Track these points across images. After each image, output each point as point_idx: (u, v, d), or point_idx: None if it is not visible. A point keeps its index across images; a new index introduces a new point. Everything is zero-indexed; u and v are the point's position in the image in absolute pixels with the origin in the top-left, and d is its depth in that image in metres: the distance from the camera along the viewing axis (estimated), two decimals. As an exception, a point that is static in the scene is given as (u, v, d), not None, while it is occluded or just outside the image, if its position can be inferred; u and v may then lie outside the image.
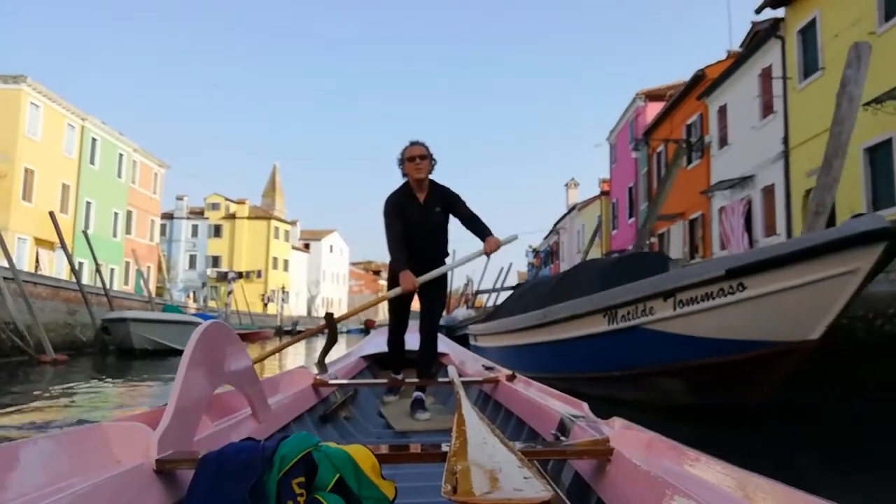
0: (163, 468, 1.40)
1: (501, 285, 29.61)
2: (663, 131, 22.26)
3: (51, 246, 25.91)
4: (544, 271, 39.74)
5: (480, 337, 11.49)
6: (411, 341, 3.95)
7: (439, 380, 3.89)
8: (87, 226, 27.88)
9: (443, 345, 4.80)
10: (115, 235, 31.63)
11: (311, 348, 21.63)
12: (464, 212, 3.74)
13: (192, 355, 1.58)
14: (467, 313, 25.14)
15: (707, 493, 1.15)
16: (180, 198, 51.24)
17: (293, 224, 57.38)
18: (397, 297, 3.58)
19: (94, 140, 29.55)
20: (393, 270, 3.65)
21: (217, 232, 51.30)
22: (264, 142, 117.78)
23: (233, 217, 51.43)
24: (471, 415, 1.87)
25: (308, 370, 3.42)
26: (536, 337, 7.74)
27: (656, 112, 23.50)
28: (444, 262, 3.81)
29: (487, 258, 3.88)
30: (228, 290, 34.24)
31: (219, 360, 1.77)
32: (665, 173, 14.30)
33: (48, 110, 26.15)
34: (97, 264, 19.83)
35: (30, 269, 22.60)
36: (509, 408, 2.98)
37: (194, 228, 51.39)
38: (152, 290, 28.51)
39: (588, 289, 6.83)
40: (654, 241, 23.27)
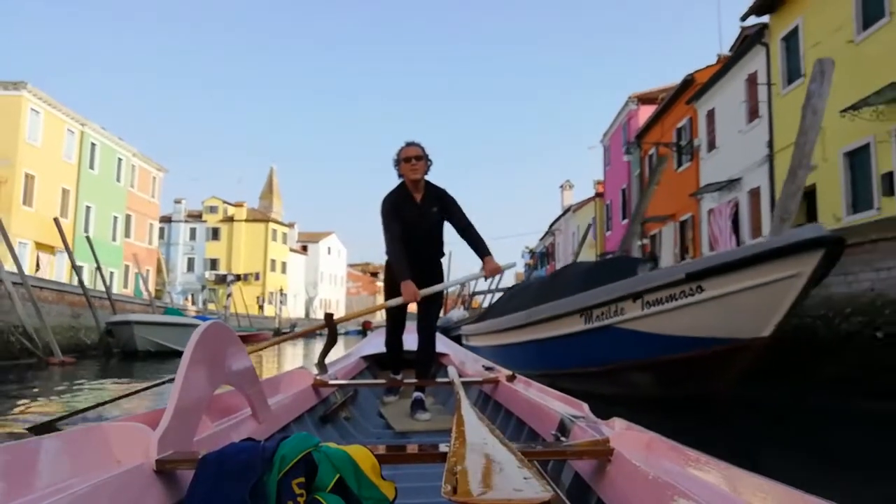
0: (163, 468, 1.40)
1: (496, 286, 29.89)
2: (655, 134, 22.60)
3: (51, 250, 26.21)
4: (540, 272, 39.98)
5: (472, 337, 11.86)
6: (411, 342, 3.95)
7: (439, 380, 3.92)
8: (87, 230, 28.14)
9: (443, 345, 4.85)
10: (114, 239, 31.95)
11: (309, 349, 21.74)
12: (460, 220, 3.76)
13: (192, 356, 1.59)
14: (462, 314, 25.45)
15: (707, 493, 1.15)
16: (178, 201, 51.51)
17: (291, 226, 57.65)
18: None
19: (93, 145, 29.86)
20: (391, 273, 3.68)
21: (215, 235, 51.55)
22: (263, 142, 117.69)
23: (231, 220, 51.68)
24: (470, 415, 1.86)
25: (308, 371, 3.42)
26: (522, 336, 8.12)
27: (648, 115, 23.87)
28: (440, 262, 3.85)
29: (485, 280, 4.11)
30: (228, 293, 34.54)
31: (219, 360, 1.78)
32: (647, 183, 14.68)
33: (48, 116, 26.44)
34: (100, 268, 20.16)
35: (30, 273, 22.86)
36: (509, 408, 2.97)
37: (192, 231, 51.63)
38: (151, 293, 28.80)
39: (569, 291, 7.20)
40: (646, 242, 23.61)
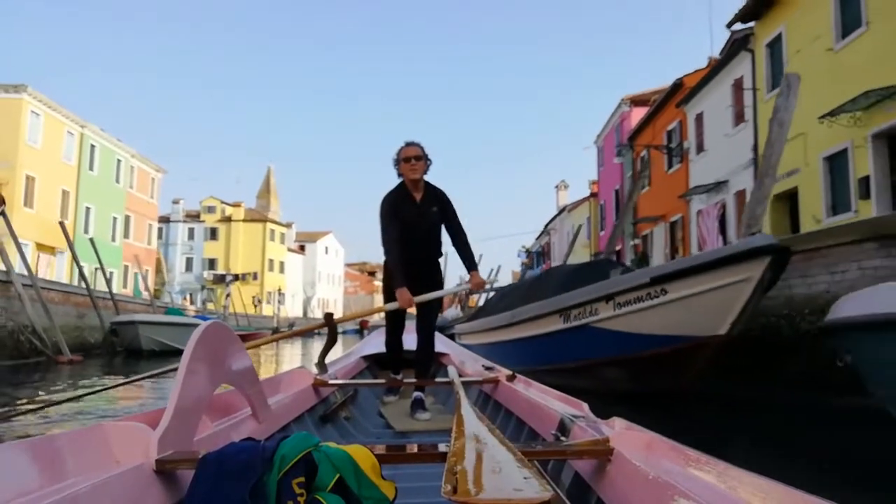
0: (163, 468, 1.39)
1: (491, 286, 30.23)
2: (646, 136, 23.02)
3: (51, 251, 26.56)
4: (535, 271, 40.41)
5: (463, 335, 12.27)
6: (410, 342, 3.95)
7: (439, 380, 3.94)
8: (87, 231, 28.52)
9: (442, 345, 4.86)
10: (113, 240, 32.30)
11: (308, 349, 21.97)
12: (455, 224, 3.79)
13: (192, 355, 1.58)
14: (456, 313, 25.88)
15: (707, 493, 1.15)
16: (176, 201, 51.77)
17: (288, 226, 57.98)
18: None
19: (92, 147, 30.19)
20: (389, 274, 3.72)
21: (213, 235, 51.82)
22: (262, 142, 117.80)
23: (228, 220, 51.96)
24: (470, 415, 1.86)
25: (308, 370, 3.43)
26: (507, 335, 8.56)
27: (640, 117, 24.28)
28: (438, 263, 3.88)
29: (472, 293, 4.34)
30: (227, 293, 34.88)
31: (219, 359, 1.78)
32: (627, 196, 15.14)
33: (48, 118, 26.77)
34: (103, 269, 20.54)
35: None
36: (509, 408, 2.98)
37: (190, 231, 51.89)
38: (151, 293, 29.15)
39: (552, 292, 7.63)
40: (638, 242, 24.07)
